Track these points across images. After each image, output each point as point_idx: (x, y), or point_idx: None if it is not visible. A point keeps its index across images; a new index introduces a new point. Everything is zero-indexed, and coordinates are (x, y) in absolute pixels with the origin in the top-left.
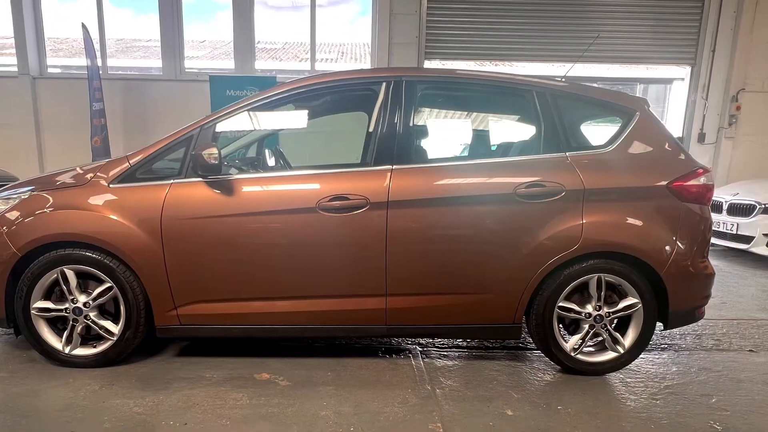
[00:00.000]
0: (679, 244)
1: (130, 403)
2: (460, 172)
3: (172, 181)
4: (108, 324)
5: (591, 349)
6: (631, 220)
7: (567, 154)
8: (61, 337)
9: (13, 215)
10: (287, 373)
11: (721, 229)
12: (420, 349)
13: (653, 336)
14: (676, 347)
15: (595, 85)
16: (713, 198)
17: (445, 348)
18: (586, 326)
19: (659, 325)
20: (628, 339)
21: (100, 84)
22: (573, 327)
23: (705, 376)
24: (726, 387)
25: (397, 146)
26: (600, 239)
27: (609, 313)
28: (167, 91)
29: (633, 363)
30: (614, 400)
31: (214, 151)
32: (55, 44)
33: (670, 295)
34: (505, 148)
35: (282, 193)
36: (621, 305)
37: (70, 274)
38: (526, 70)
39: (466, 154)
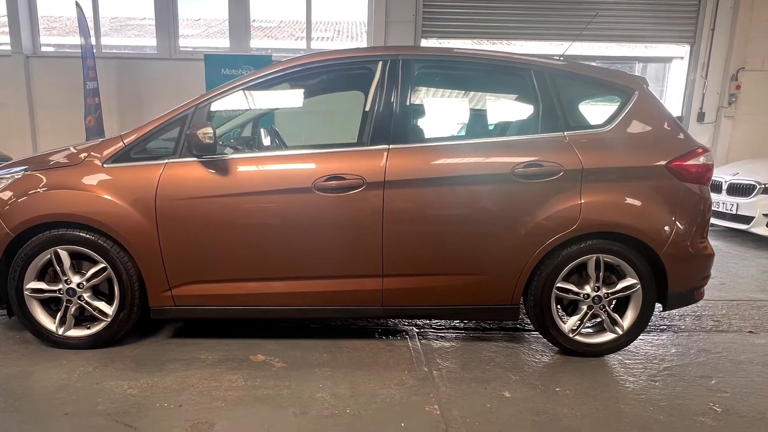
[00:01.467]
0: (678, 225)
1: (125, 385)
2: (457, 152)
3: (166, 160)
4: (102, 305)
5: (589, 330)
6: (629, 200)
7: (565, 133)
8: (54, 318)
9: (6, 195)
10: (283, 354)
11: (720, 210)
12: (417, 330)
13: (652, 317)
14: (675, 328)
15: (593, 64)
16: (713, 178)
17: (442, 329)
18: (585, 307)
19: (658, 306)
20: (627, 320)
21: (94, 63)
22: (571, 308)
23: (704, 357)
24: (725, 368)
25: (393, 125)
26: (598, 219)
27: (607, 293)
28: (162, 69)
29: (632, 344)
30: (613, 382)
31: (209, 130)
32: (49, 22)
33: (669, 275)
34: (503, 128)
35: (278, 173)
36: (619, 286)
37: (64, 255)
38: (523, 49)
39: (463, 133)
